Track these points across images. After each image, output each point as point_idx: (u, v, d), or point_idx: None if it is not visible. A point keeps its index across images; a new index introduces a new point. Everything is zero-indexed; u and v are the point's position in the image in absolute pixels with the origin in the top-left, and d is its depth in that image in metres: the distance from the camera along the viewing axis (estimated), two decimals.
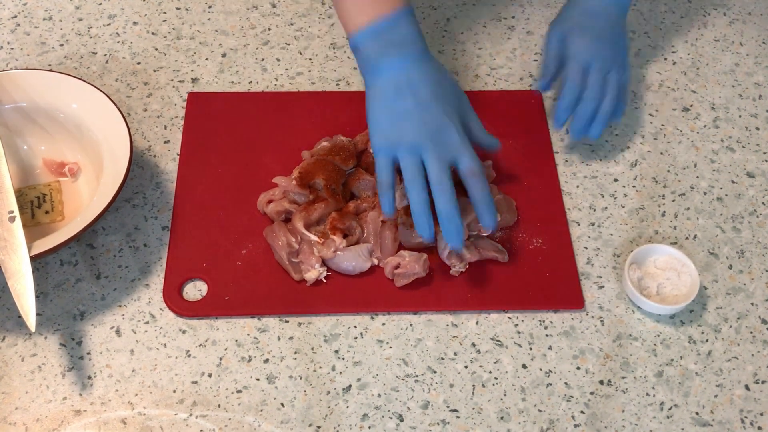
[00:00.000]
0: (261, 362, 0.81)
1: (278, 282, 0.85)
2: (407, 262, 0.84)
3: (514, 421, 0.78)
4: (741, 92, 1.05)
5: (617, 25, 0.98)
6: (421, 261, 0.84)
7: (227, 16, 1.10)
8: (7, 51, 1.05)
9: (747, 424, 0.79)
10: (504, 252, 0.87)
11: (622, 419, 0.79)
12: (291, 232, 0.86)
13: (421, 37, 0.86)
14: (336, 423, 0.77)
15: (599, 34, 0.96)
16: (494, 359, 0.82)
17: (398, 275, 0.84)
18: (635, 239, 0.91)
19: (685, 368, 0.82)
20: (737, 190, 0.96)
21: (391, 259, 0.85)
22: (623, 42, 0.98)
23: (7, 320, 0.83)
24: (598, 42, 0.96)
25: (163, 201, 0.91)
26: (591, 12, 0.98)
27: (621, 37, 0.98)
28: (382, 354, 0.82)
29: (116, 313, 0.84)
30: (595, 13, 0.97)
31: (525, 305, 0.85)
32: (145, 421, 0.77)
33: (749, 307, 0.87)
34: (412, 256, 0.84)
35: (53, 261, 0.87)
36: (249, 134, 0.97)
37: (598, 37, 0.96)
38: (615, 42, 0.97)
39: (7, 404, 0.78)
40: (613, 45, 0.97)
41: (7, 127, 0.91)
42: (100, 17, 1.09)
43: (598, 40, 0.96)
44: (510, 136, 0.98)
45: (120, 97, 1.00)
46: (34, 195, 0.89)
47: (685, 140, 1.00)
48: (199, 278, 0.85)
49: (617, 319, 0.85)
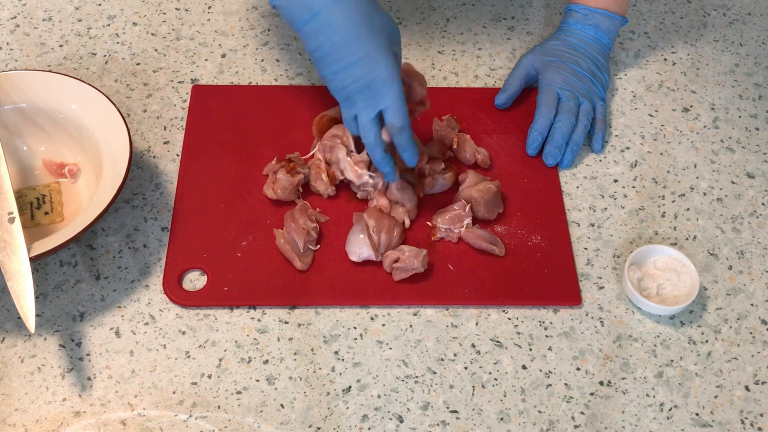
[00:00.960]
0: (261, 363, 0.81)
1: (278, 274, 0.86)
2: (406, 257, 0.84)
3: (514, 422, 0.78)
4: (741, 93, 1.05)
5: (597, 60, 1.00)
6: (420, 256, 0.84)
7: (227, 16, 1.10)
8: (7, 52, 1.05)
9: (747, 425, 0.79)
10: (500, 244, 0.87)
11: (622, 420, 0.79)
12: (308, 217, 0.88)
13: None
14: (336, 424, 0.77)
15: (575, 67, 0.99)
16: (494, 360, 0.82)
17: (397, 269, 0.84)
18: (635, 240, 0.91)
19: (685, 369, 0.82)
20: (737, 191, 0.96)
21: (390, 252, 0.85)
22: (603, 76, 1.01)
23: (7, 321, 0.83)
24: (572, 76, 0.98)
25: (163, 202, 0.91)
26: (572, 46, 1.01)
27: (600, 71, 1.00)
28: (381, 355, 0.82)
29: (116, 314, 0.83)
30: (576, 47, 1.00)
31: (522, 301, 0.85)
32: (145, 422, 0.77)
33: (749, 307, 0.86)
34: (412, 251, 0.84)
35: (53, 262, 0.87)
36: (251, 127, 0.97)
37: (573, 71, 0.98)
38: (593, 76, 0.99)
39: (6, 405, 0.77)
40: (589, 79, 0.99)
41: (7, 128, 0.91)
42: (100, 18, 1.09)
43: (573, 74, 0.98)
44: (511, 133, 0.98)
45: (119, 97, 1.00)
46: (33, 196, 0.89)
47: (685, 141, 1.00)
48: (198, 269, 0.86)
49: (617, 319, 0.85)
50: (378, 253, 0.86)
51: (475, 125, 0.99)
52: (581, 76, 0.99)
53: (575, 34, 1.01)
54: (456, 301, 0.85)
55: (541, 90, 0.98)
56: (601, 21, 1.01)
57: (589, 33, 1.01)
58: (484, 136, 0.98)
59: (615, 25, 1.02)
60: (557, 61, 0.99)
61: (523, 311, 0.85)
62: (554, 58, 0.99)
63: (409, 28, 1.09)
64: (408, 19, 1.11)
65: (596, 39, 1.01)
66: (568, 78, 0.98)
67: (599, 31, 1.01)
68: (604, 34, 1.01)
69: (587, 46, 1.00)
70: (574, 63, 0.99)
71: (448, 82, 1.04)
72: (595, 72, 0.99)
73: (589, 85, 0.99)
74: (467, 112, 1.00)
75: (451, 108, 1.00)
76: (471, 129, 0.98)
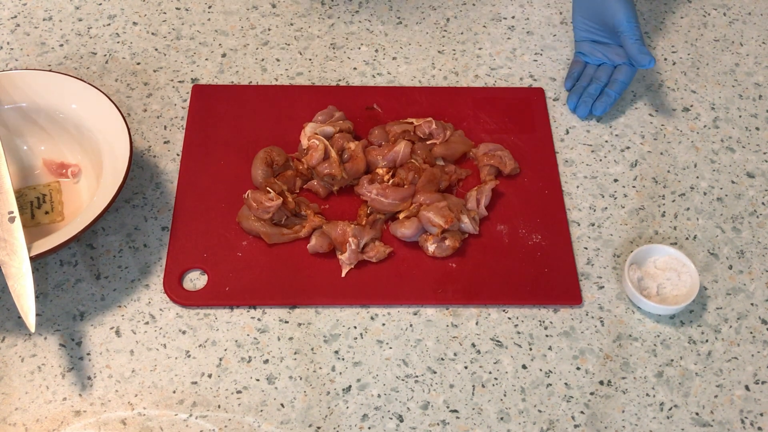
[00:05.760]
0: (261, 363, 0.81)
1: (278, 273, 0.86)
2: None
3: (514, 422, 0.78)
4: (741, 92, 1.05)
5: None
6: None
7: (227, 16, 1.10)
8: (7, 51, 1.05)
9: (747, 425, 0.79)
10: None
11: (622, 420, 0.79)
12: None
13: None
14: (336, 423, 0.77)
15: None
16: (494, 359, 0.82)
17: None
18: (635, 239, 0.91)
19: (685, 368, 0.82)
20: (737, 191, 0.96)
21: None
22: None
23: (7, 321, 0.83)
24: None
25: (163, 201, 0.91)
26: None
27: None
28: (382, 354, 0.82)
29: (116, 313, 0.84)
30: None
31: (522, 300, 0.85)
32: (145, 421, 0.77)
33: (749, 307, 0.86)
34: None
35: (53, 261, 0.87)
36: (251, 127, 0.97)
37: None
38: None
39: (6, 405, 0.78)
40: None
41: (7, 127, 0.91)
42: (100, 17, 1.09)
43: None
44: (512, 132, 0.98)
45: (120, 97, 1.00)
46: (33, 195, 0.89)
47: (685, 140, 1.00)
48: (199, 268, 0.86)
49: (617, 319, 0.85)
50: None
51: (475, 125, 0.99)
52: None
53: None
54: (456, 301, 0.85)
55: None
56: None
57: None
58: (484, 136, 0.98)
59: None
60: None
61: (523, 311, 0.85)
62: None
63: (409, 28, 1.10)
64: (408, 19, 1.11)
65: None
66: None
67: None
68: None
69: None
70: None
71: (448, 82, 1.04)
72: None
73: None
74: (467, 112, 1.00)
75: (451, 108, 1.00)
76: (471, 129, 0.98)
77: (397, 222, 0.88)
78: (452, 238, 0.87)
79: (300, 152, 0.93)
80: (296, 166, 0.93)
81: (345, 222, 0.87)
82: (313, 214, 0.88)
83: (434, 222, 0.86)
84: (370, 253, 0.86)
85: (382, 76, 1.04)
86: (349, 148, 0.91)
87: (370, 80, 1.04)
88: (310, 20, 1.10)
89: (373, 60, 1.06)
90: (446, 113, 0.99)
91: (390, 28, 1.09)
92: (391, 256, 0.87)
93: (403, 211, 0.89)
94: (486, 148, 0.94)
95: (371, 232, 0.87)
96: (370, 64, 1.05)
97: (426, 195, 0.88)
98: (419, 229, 0.87)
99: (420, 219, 0.87)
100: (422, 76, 1.04)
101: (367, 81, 1.03)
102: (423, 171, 0.91)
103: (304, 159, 0.91)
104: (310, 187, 0.92)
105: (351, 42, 1.07)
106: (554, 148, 0.98)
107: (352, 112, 0.98)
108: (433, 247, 0.86)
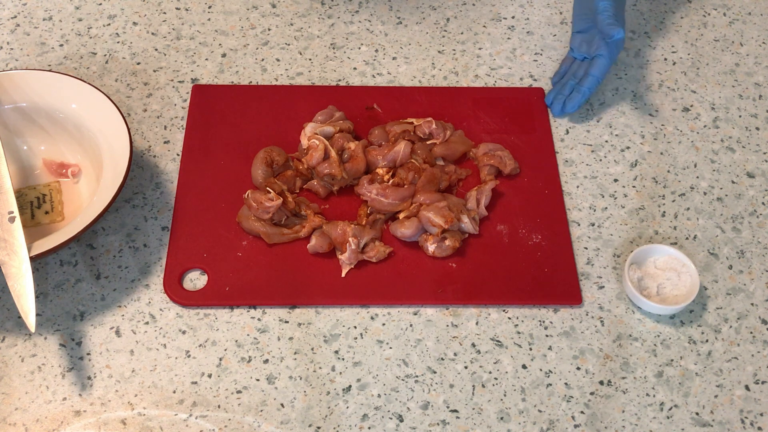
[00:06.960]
0: (261, 363, 0.81)
1: (278, 273, 0.86)
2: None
3: (514, 422, 0.78)
4: (741, 92, 1.05)
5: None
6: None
7: (227, 16, 1.10)
8: (7, 51, 1.05)
9: (747, 425, 0.79)
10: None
11: (622, 419, 0.79)
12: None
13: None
14: (336, 423, 0.77)
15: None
16: (494, 359, 0.82)
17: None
18: (635, 239, 0.91)
19: (685, 368, 0.82)
20: (737, 190, 0.96)
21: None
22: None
23: (7, 321, 0.83)
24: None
25: (163, 201, 0.91)
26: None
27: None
28: (382, 354, 0.82)
29: (116, 313, 0.84)
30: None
31: (522, 300, 0.85)
32: (145, 421, 0.77)
33: (749, 307, 0.87)
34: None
35: (53, 261, 0.87)
36: (251, 127, 0.97)
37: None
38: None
39: (6, 405, 0.78)
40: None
41: (7, 127, 0.91)
42: (100, 17, 1.09)
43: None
44: (512, 132, 0.98)
45: (120, 97, 1.00)
46: (33, 195, 0.89)
47: (685, 140, 1.00)
48: (199, 268, 0.86)
49: (617, 319, 0.85)
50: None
51: (475, 125, 0.99)
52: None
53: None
54: (456, 301, 0.85)
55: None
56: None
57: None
58: (484, 135, 0.98)
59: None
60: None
61: (524, 311, 0.85)
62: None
63: (409, 28, 1.10)
64: (408, 19, 1.11)
65: None
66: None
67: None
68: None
69: None
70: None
71: (448, 82, 1.04)
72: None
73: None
74: (467, 112, 1.00)
75: (451, 108, 1.00)
76: (471, 129, 0.98)
77: (397, 222, 0.88)
78: (452, 238, 0.87)
79: (300, 152, 0.93)
80: (296, 166, 0.93)
81: (345, 222, 0.87)
82: (313, 214, 0.88)
83: (434, 222, 0.86)
84: (370, 253, 0.86)
85: (382, 76, 1.04)
86: (349, 148, 0.91)
87: (370, 80, 1.04)
88: (310, 20, 1.10)
89: (373, 60, 1.06)
90: (446, 113, 0.99)
91: (390, 28, 1.09)
92: (391, 256, 0.87)
93: (403, 211, 0.89)
94: (486, 148, 0.94)
95: (371, 232, 0.87)
96: (370, 64, 1.05)
97: (426, 195, 0.88)
98: (419, 229, 0.87)
99: (420, 219, 0.87)
100: (422, 76, 1.04)
101: (367, 81, 1.03)
102: (423, 171, 0.91)
103: (304, 159, 0.91)
104: (310, 187, 0.92)
105: (351, 42, 1.07)
106: (554, 148, 0.98)
107: (352, 112, 0.98)
108: (433, 247, 0.86)
